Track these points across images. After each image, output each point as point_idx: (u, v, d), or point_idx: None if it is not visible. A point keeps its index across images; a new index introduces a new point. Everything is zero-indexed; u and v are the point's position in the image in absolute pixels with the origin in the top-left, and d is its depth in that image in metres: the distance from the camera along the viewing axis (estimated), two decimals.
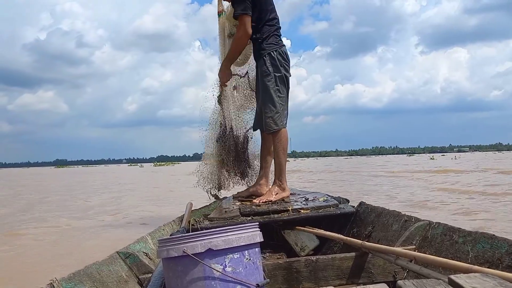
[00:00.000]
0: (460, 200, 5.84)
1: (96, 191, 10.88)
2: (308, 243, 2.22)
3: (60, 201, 8.35)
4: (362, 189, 8.15)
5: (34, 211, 6.61)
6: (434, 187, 7.85)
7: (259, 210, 2.31)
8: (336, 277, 1.68)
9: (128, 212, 5.96)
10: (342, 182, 10.54)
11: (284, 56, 2.76)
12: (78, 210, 6.53)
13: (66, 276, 1.38)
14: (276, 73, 2.71)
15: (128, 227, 4.63)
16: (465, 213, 4.60)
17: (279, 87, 2.71)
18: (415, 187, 8.25)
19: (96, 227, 4.73)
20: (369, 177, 12.67)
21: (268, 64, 2.73)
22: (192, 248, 1.18)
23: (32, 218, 5.72)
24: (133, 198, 8.55)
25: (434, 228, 1.67)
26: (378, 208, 2.23)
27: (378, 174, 14.12)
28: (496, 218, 4.19)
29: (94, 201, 7.94)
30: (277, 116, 2.69)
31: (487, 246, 1.35)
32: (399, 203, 5.60)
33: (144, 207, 6.57)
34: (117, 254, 1.77)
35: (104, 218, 5.56)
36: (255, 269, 1.25)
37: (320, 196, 2.69)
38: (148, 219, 5.12)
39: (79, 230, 4.59)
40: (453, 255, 1.46)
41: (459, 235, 1.50)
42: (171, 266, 1.24)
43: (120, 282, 1.62)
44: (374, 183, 9.86)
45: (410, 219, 1.87)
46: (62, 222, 5.23)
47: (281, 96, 2.72)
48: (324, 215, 2.27)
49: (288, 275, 1.67)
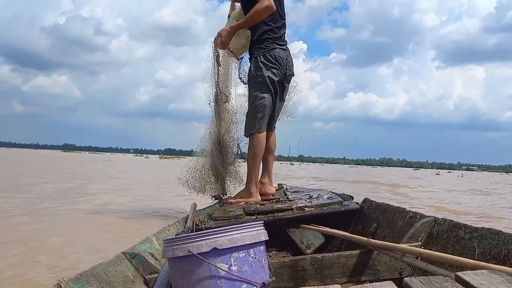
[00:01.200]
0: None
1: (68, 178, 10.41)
2: (313, 241, 2.22)
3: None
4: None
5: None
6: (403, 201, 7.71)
7: (264, 209, 2.31)
8: (342, 275, 1.68)
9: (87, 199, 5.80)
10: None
11: (272, 59, 2.73)
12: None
13: (73, 277, 1.39)
14: (259, 78, 2.73)
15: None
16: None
17: (259, 91, 2.73)
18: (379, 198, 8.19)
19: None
20: (348, 183, 12.70)
21: (252, 68, 2.78)
22: (197, 247, 1.18)
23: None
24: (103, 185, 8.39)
25: (439, 225, 1.66)
26: (383, 205, 2.23)
27: (360, 180, 14.11)
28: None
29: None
30: (251, 120, 2.74)
31: (494, 242, 1.34)
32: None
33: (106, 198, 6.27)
34: (123, 254, 1.77)
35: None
36: (261, 267, 1.25)
37: (324, 193, 2.69)
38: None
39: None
40: (459, 252, 1.45)
41: (465, 231, 1.49)
42: (177, 266, 1.24)
43: (126, 283, 1.62)
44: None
45: (415, 215, 1.86)
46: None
47: (259, 101, 2.72)
48: (329, 212, 2.27)
49: (294, 273, 1.67)
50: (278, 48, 2.76)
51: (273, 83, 2.73)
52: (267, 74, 2.71)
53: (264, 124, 2.74)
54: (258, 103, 2.73)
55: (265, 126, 2.76)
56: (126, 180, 10.60)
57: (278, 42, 2.79)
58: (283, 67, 2.77)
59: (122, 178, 11.45)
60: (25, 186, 7.37)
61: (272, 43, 2.76)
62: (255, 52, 2.78)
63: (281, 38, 2.83)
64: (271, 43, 2.75)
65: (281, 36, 2.83)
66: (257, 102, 2.73)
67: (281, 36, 2.84)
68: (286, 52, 2.82)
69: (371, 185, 11.67)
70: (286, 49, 2.85)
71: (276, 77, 2.74)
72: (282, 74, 2.78)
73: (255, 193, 2.75)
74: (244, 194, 2.77)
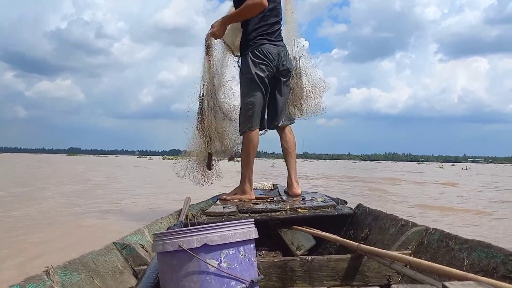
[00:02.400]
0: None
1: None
2: (304, 243, 2.22)
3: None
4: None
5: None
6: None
7: (257, 207, 2.31)
8: (330, 278, 1.68)
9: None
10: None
11: (261, 55, 2.71)
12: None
13: (61, 264, 1.39)
14: (247, 75, 2.72)
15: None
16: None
17: (248, 88, 2.73)
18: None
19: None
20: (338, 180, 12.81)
21: (242, 66, 2.79)
22: (188, 242, 1.18)
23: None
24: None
25: (430, 234, 1.67)
26: (376, 211, 2.24)
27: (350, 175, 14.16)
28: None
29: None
30: (243, 118, 2.75)
31: (483, 255, 1.35)
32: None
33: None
34: (113, 244, 1.78)
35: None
36: (250, 265, 1.26)
37: (318, 196, 2.70)
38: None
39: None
40: (448, 262, 1.46)
41: (456, 242, 1.50)
42: (166, 260, 1.24)
43: (115, 273, 1.63)
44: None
45: (407, 223, 1.87)
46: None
47: (249, 99, 2.72)
48: (321, 215, 2.28)
49: (283, 274, 1.68)
50: (267, 44, 2.73)
51: (262, 80, 2.71)
52: (255, 71, 2.69)
53: (255, 122, 2.73)
54: (248, 101, 2.72)
55: (257, 124, 2.75)
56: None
57: (268, 37, 2.75)
58: (274, 62, 2.74)
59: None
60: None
61: (260, 39, 2.73)
62: (244, 50, 2.79)
63: (273, 34, 2.79)
64: (260, 39, 2.73)
65: (273, 32, 2.80)
66: (247, 100, 2.73)
67: (274, 32, 2.80)
68: (277, 48, 2.77)
69: (361, 183, 11.72)
70: (279, 44, 2.81)
71: (265, 73, 2.71)
72: (273, 69, 2.75)
73: (249, 191, 2.75)
74: (238, 191, 2.77)
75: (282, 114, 2.92)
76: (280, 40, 2.86)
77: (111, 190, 8.05)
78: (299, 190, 2.88)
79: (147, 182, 10.62)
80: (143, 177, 13.12)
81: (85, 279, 1.43)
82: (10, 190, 7.56)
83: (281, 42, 2.85)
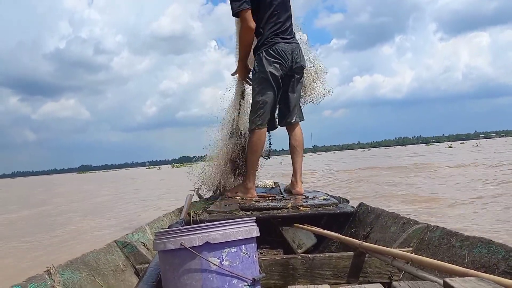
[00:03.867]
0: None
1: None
2: (305, 241, 2.22)
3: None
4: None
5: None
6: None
7: (259, 205, 2.31)
8: (332, 276, 1.68)
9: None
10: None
11: (274, 54, 2.71)
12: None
13: (63, 264, 1.39)
14: (261, 74, 2.73)
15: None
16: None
17: (261, 86, 2.74)
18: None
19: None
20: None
21: (255, 65, 2.79)
22: (190, 241, 1.18)
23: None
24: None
25: (432, 231, 1.67)
26: (378, 210, 2.23)
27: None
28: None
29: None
30: (252, 115, 2.76)
31: (484, 251, 1.35)
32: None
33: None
34: (115, 243, 1.78)
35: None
36: (252, 263, 1.26)
37: (320, 195, 2.69)
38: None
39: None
40: (449, 259, 1.46)
41: (457, 239, 1.50)
42: (168, 259, 1.24)
43: (116, 271, 1.63)
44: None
45: (408, 221, 1.87)
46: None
47: (261, 97, 2.73)
48: (323, 213, 2.28)
49: (284, 272, 1.68)
50: (281, 42, 2.73)
51: (275, 78, 2.71)
52: (269, 70, 2.69)
53: (264, 120, 2.73)
54: (259, 99, 2.72)
55: (266, 123, 2.75)
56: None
57: (282, 36, 2.75)
58: (288, 60, 2.73)
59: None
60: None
61: (275, 38, 2.73)
62: (259, 49, 2.78)
63: (286, 31, 2.79)
64: (273, 37, 2.73)
65: (286, 29, 2.79)
66: (258, 98, 2.73)
67: (286, 30, 2.79)
68: (291, 45, 2.77)
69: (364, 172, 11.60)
70: (292, 42, 2.80)
71: (279, 72, 2.72)
72: (286, 67, 2.74)
73: (252, 189, 2.75)
74: (241, 189, 2.77)
75: (295, 111, 2.90)
76: (293, 37, 2.85)
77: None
78: (303, 190, 2.88)
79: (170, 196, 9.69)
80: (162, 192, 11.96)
81: (86, 278, 1.44)
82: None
83: (293, 39, 2.84)
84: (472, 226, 3.74)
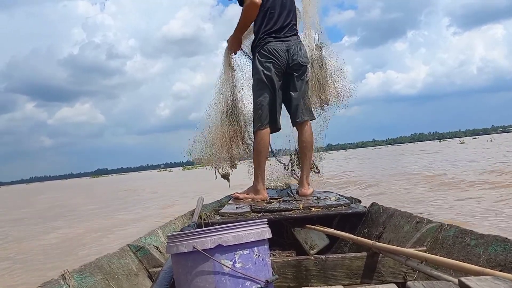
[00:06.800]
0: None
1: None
2: (318, 242, 2.21)
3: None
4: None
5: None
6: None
7: (270, 207, 2.31)
8: (345, 277, 1.67)
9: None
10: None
11: (266, 53, 2.70)
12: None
13: (77, 268, 1.41)
14: (256, 76, 2.75)
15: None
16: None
17: (257, 88, 2.75)
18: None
19: None
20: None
21: (252, 67, 2.81)
22: (202, 244, 1.19)
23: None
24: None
25: (446, 230, 1.65)
26: (390, 209, 2.22)
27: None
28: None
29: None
30: (254, 118, 2.78)
31: (500, 250, 1.33)
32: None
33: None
34: (128, 247, 1.79)
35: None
36: (264, 265, 1.26)
37: (331, 195, 2.68)
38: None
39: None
40: (464, 258, 1.44)
41: (471, 238, 1.48)
42: (181, 262, 1.25)
43: (130, 275, 1.64)
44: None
45: (422, 220, 1.85)
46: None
47: (258, 99, 2.74)
48: (335, 214, 2.27)
49: (297, 273, 1.68)
50: (273, 41, 2.71)
51: (269, 78, 2.70)
52: (262, 70, 2.70)
53: (265, 121, 2.73)
54: (257, 100, 2.74)
55: (266, 123, 2.74)
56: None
57: (274, 34, 2.73)
58: (282, 59, 2.71)
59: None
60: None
61: (266, 37, 2.72)
62: (254, 50, 2.81)
63: (281, 30, 2.75)
64: (265, 37, 2.72)
65: (282, 28, 2.75)
66: (256, 100, 2.75)
67: (283, 28, 2.75)
68: (285, 43, 2.73)
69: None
70: (288, 39, 2.75)
71: (272, 71, 2.70)
72: (281, 66, 2.71)
73: (262, 190, 2.74)
74: (251, 191, 2.77)
75: (300, 109, 2.83)
76: (292, 35, 2.80)
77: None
78: (309, 191, 2.81)
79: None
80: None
81: (100, 282, 1.45)
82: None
83: (292, 36, 2.79)
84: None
